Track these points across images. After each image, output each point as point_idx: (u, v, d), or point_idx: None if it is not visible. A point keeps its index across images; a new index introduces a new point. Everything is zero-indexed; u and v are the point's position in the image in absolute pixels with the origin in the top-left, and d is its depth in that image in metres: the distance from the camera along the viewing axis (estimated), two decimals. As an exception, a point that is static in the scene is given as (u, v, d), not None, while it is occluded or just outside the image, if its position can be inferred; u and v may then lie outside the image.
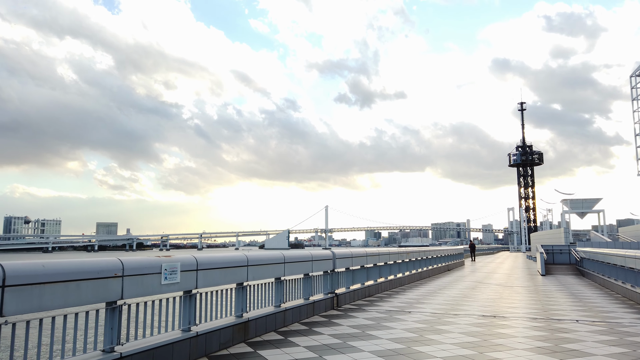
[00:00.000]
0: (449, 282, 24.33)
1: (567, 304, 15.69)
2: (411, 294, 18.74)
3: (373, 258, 18.39)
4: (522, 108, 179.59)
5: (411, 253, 24.43)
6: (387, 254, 20.18)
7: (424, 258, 27.83)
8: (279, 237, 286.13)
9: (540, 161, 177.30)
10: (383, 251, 19.46)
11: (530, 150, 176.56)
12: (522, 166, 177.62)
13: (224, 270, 9.26)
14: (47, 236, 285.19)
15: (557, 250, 35.32)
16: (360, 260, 17.00)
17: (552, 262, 35.07)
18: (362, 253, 17.37)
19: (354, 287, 16.38)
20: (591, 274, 25.71)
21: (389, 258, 20.42)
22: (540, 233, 66.93)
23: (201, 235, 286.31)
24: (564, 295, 18.56)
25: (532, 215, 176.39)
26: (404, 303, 15.82)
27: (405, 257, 23.11)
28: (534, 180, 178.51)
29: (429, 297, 17.51)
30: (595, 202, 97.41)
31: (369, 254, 17.82)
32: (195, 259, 8.44)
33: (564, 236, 40.88)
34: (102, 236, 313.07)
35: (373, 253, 18.52)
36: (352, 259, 16.09)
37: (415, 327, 11.32)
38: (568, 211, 67.39)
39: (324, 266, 13.91)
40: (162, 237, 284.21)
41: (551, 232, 58.24)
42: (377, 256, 18.76)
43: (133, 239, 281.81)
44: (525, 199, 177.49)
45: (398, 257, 21.87)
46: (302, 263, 12.60)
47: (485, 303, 15.89)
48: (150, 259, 7.60)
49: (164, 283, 7.57)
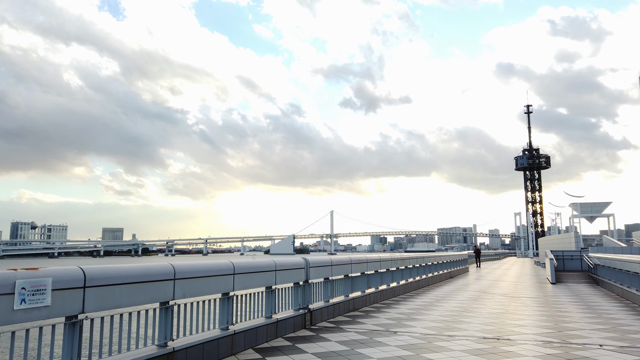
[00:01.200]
0: (448, 292, 21.95)
1: (584, 321, 13.29)
2: (403, 307, 16.38)
3: (360, 266, 16.06)
4: (528, 111, 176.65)
5: (407, 260, 22.06)
6: (378, 260, 17.83)
7: (422, 265, 25.44)
8: (284, 242, 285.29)
9: (547, 165, 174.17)
10: (372, 257, 17.12)
11: (537, 153, 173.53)
12: (529, 170, 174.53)
13: (136, 286, 6.91)
14: (54, 242, 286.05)
15: (568, 256, 32.82)
16: (342, 269, 14.68)
17: (562, 268, 32.56)
18: (346, 260, 15.05)
19: (335, 301, 14.07)
20: (607, 283, 23.25)
21: (380, 266, 18.07)
22: (549, 238, 64.26)
23: (206, 241, 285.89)
24: (579, 308, 16.13)
25: (539, 220, 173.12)
26: (391, 319, 13.47)
27: (400, 264, 20.75)
28: (541, 184, 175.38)
29: (423, 312, 15.15)
30: (605, 206, 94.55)
31: (354, 262, 15.47)
32: (83, 273, 6.14)
33: (575, 241, 38.31)
34: (107, 242, 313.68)
35: (360, 260, 16.17)
36: (332, 268, 13.77)
37: (396, 355, 8.97)
38: (577, 215, 64.69)
39: (293, 277, 11.55)
40: (168, 243, 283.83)
41: (560, 236, 55.59)
42: (364, 263, 16.42)
43: (138, 244, 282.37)
44: (532, 204, 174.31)
45: (391, 264, 19.52)
46: (262, 274, 10.23)
47: (487, 320, 13.51)
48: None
49: (17, 308, 5.29)
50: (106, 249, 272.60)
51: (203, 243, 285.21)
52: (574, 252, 33.39)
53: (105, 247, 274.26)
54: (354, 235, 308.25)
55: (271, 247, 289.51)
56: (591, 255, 28.56)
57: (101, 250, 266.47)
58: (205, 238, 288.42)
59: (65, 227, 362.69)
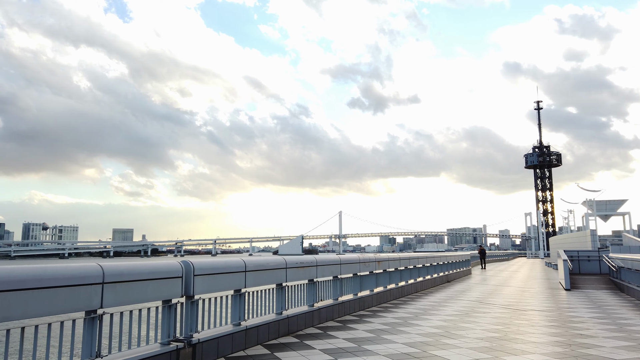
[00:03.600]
0: (439, 302, 17.67)
1: (621, 353, 8.97)
2: (371, 324, 12.12)
3: (294, 272, 11.84)
4: (538, 107, 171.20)
5: (385, 261, 17.78)
6: (337, 263, 13.56)
7: (410, 267, 21.16)
8: (292, 242, 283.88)
9: (558, 162, 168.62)
10: (323, 260, 12.83)
11: (547, 151, 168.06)
12: (540, 168, 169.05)
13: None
14: (64, 242, 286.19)
15: (584, 257, 28.36)
16: (268, 277, 10.49)
17: (577, 271, 28.11)
18: (335, 260, 10.87)
19: (267, 319, 9.93)
20: (635, 290, 18.83)
21: (342, 269, 13.81)
22: (561, 237, 59.44)
23: (215, 242, 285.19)
24: (606, 329, 11.79)
25: (550, 219, 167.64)
26: (347, 343, 9.25)
27: (374, 267, 16.47)
28: (552, 182, 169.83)
29: (391, 333, 10.90)
30: (620, 204, 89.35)
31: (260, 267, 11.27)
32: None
33: (591, 240, 33.73)
34: (117, 242, 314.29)
35: (294, 264, 11.96)
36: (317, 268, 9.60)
37: None
38: (591, 213, 59.90)
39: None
40: (177, 243, 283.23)
41: (574, 235, 50.81)
42: (313, 267, 12.18)
43: (148, 245, 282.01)
44: (543, 203, 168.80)
45: (363, 267, 15.28)
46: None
47: (473, 353, 9.23)
48: None
49: None
50: (116, 250, 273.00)
51: (212, 244, 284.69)
52: (591, 253, 28.89)
53: (115, 248, 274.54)
54: (363, 235, 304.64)
55: (280, 247, 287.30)
56: (612, 256, 24.09)
57: (111, 250, 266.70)
58: (214, 239, 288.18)
59: (76, 228, 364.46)
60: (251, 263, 9.32)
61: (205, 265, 8.04)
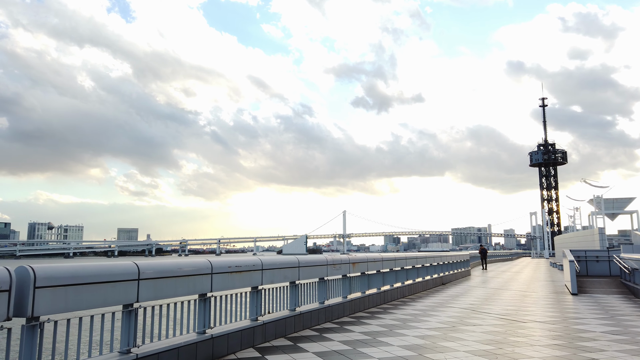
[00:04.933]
0: (425, 310, 15.24)
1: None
2: (329, 344, 9.69)
3: (233, 278, 9.44)
4: (543, 104, 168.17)
5: (363, 263, 15.34)
6: (294, 265, 11.13)
7: (397, 269, 18.74)
8: (296, 242, 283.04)
9: (564, 160, 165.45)
10: (273, 263, 10.40)
11: (553, 148, 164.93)
12: (545, 166, 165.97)
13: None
14: (69, 242, 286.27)
15: (592, 258, 25.84)
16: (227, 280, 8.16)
17: (584, 273, 25.61)
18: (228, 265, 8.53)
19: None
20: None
21: (301, 272, 11.37)
22: (567, 235, 56.74)
23: (219, 241, 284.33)
24: (625, 350, 9.32)
25: (555, 218, 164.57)
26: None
27: (348, 270, 14.04)
28: (557, 181, 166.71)
29: (348, 357, 8.49)
30: (627, 202, 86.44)
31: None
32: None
33: (599, 239, 31.15)
34: (121, 242, 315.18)
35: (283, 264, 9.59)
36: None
37: None
38: (599, 211, 57.17)
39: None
40: (181, 243, 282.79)
41: (581, 233, 48.14)
42: (258, 271, 9.77)
43: (152, 244, 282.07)
44: (548, 201, 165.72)
45: (332, 270, 12.86)
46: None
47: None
48: None
49: None
50: (120, 249, 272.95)
51: (216, 243, 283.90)
52: (599, 253, 26.35)
53: (119, 248, 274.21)
54: (367, 235, 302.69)
55: (284, 247, 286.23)
56: (625, 257, 21.57)
57: (115, 250, 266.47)
58: (219, 238, 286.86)
59: (81, 228, 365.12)
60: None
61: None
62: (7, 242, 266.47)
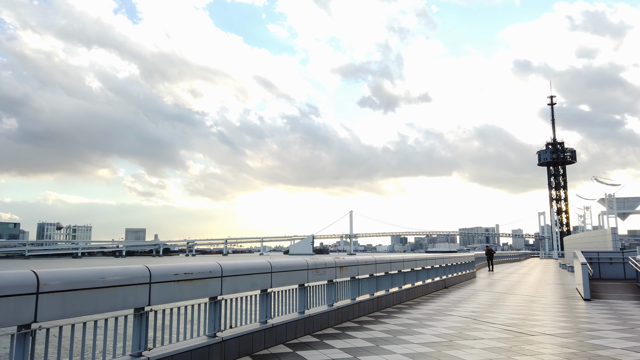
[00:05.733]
0: (421, 318, 13.71)
1: None
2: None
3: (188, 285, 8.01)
4: (552, 102, 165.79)
5: (353, 266, 13.83)
6: (266, 271, 9.66)
7: (393, 273, 17.24)
8: (303, 242, 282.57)
9: (573, 159, 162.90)
10: (236, 268, 8.93)
11: (561, 147, 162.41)
12: (553, 165, 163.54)
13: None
14: (78, 242, 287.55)
15: (605, 260, 24.18)
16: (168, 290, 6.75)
17: (597, 276, 23.97)
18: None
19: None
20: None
21: (274, 279, 9.90)
22: (577, 236, 54.83)
23: (226, 241, 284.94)
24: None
25: (564, 218, 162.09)
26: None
27: (334, 274, 12.54)
28: (566, 180, 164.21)
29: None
30: (638, 202, 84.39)
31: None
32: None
33: (612, 239, 29.43)
34: (129, 242, 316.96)
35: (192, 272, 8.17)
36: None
37: None
38: (610, 210, 55.23)
39: None
40: (188, 243, 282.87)
41: (592, 234, 46.28)
42: (216, 278, 8.32)
43: (160, 244, 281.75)
44: (557, 201, 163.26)
45: (315, 275, 11.39)
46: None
47: None
48: None
49: None
50: (128, 249, 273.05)
51: (223, 243, 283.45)
52: (613, 254, 24.67)
53: (127, 248, 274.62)
54: (374, 235, 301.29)
55: (290, 247, 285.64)
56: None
57: (123, 250, 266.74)
58: (226, 238, 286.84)
59: (89, 228, 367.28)
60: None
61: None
62: (16, 242, 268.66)
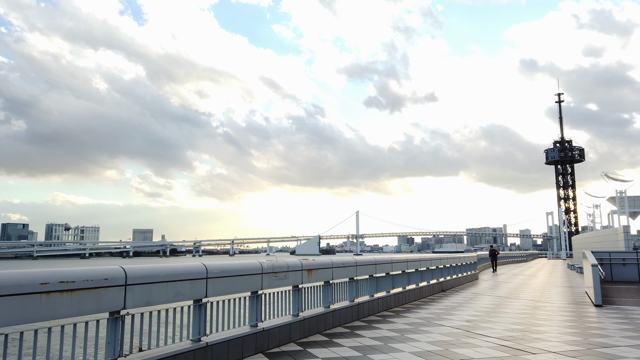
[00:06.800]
0: (405, 329, 11.75)
1: None
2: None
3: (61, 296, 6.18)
4: (559, 100, 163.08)
5: (327, 269, 11.88)
6: (201, 277, 7.79)
7: (378, 276, 15.29)
8: (309, 242, 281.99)
9: (581, 157, 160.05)
10: (156, 273, 7.07)
11: (569, 145, 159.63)
12: (561, 163, 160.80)
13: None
14: (85, 243, 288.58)
15: (618, 260, 22.13)
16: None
17: (609, 278, 21.92)
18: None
19: None
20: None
21: (214, 285, 8.03)
22: (586, 235, 52.57)
23: (233, 242, 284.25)
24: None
25: (573, 218, 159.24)
26: None
27: (301, 279, 10.62)
28: (574, 179, 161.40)
29: None
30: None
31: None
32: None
33: (624, 238, 27.33)
34: (137, 242, 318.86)
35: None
36: None
37: None
38: (622, 209, 52.90)
39: None
40: (195, 244, 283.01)
41: (602, 232, 44.07)
42: (118, 287, 6.46)
43: (167, 245, 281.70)
44: (565, 200, 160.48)
45: (271, 281, 9.50)
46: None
47: None
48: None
49: None
50: (135, 250, 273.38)
51: (230, 244, 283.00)
52: (626, 255, 22.58)
53: (134, 248, 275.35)
54: (381, 235, 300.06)
55: (297, 247, 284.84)
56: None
57: (130, 251, 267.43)
58: (232, 239, 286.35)
59: (97, 229, 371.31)
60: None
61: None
62: (25, 243, 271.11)
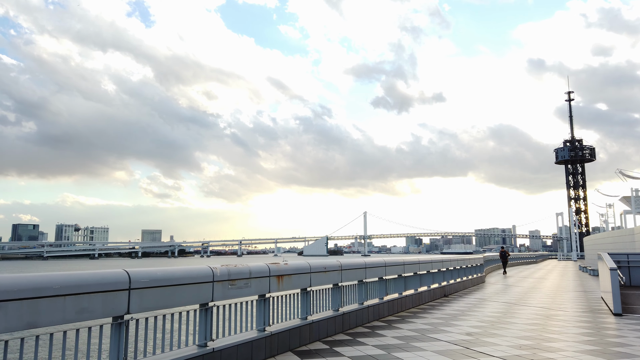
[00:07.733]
0: (394, 345, 10.05)
1: None
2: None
3: None
4: (569, 98, 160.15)
5: (304, 274, 10.19)
6: (122, 287, 6.16)
7: (369, 281, 13.59)
8: (317, 243, 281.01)
9: (592, 157, 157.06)
10: (91, 282, 5.48)
11: (580, 144, 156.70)
12: (571, 163, 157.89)
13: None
14: (95, 243, 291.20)
15: (636, 263, 20.25)
16: None
17: (627, 283, 20.05)
18: None
19: None
20: None
21: (178, 293, 6.40)
22: (599, 235, 50.45)
23: (241, 242, 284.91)
24: None
25: (584, 218, 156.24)
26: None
27: (268, 287, 8.96)
28: (584, 179, 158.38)
29: None
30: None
31: None
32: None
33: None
34: (145, 243, 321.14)
35: None
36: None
37: None
38: (635, 209, 50.71)
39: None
40: (203, 244, 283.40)
41: (616, 233, 42.02)
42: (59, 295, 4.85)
43: (175, 245, 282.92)
44: (576, 201, 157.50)
45: (230, 290, 7.87)
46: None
47: None
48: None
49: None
50: (144, 250, 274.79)
51: (238, 244, 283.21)
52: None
53: (143, 249, 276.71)
54: (389, 236, 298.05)
55: (305, 248, 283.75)
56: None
57: (139, 251, 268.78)
58: (240, 239, 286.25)
59: (106, 229, 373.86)
60: None
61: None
62: (35, 244, 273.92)
